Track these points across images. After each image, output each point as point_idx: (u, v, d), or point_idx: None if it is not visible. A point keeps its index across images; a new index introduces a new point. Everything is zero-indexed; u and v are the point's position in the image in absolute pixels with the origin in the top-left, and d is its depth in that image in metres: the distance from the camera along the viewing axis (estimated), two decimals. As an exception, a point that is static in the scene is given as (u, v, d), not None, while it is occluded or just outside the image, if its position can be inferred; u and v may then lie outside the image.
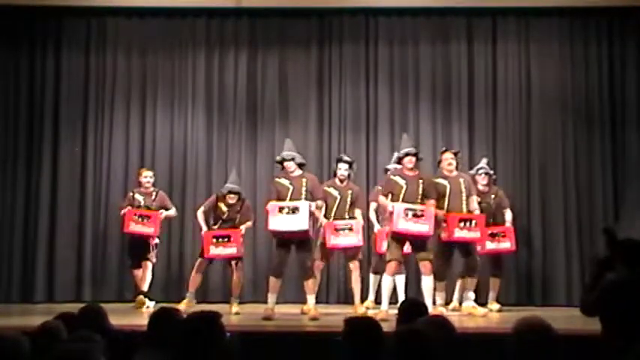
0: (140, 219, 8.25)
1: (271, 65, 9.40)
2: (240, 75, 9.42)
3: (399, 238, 7.28)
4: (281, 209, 7.23)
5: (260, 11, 9.35)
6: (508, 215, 8.15)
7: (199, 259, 8.02)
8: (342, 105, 9.34)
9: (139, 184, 8.57)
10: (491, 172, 8.30)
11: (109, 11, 9.37)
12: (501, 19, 9.34)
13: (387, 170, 8.14)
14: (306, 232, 7.27)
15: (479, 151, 9.16)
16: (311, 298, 7.39)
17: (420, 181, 7.40)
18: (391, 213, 7.25)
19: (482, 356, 4.10)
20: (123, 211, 8.37)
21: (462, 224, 7.53)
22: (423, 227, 7.19)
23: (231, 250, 7.81)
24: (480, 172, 8.19)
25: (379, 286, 7.82)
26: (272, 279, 7.39)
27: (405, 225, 7.17)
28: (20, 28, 9.34)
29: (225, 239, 7.79)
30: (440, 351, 2.80)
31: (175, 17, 9.44)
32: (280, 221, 7.22)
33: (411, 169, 7.43)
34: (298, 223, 7.18)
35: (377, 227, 8.01)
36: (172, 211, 8.59)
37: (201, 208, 8.11)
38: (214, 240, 7.78)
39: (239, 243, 7.84)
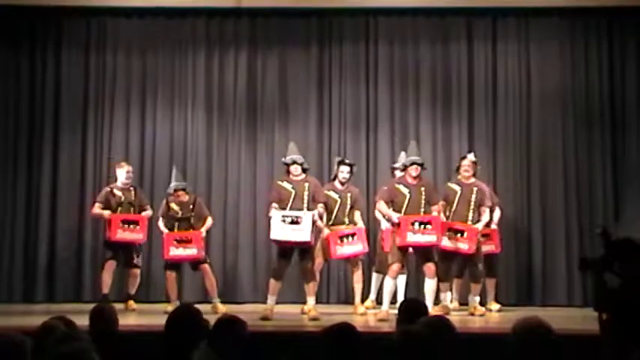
0: (127, 225, 8.07)
1: (271, 65, 9.40)
2: (240, 75, 9.41)
3: (405, 248, 7.32)
4: (283, 218, 7.17)
5: (260, 11, 9.35)
6: (491, 213, 7.98)
7: (167, 272, 7.98)
8: (342, 105, 9.35)
9: (116, 179, 8.41)
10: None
11: (109, 11, 9.38)
12: (501, 19, 9.34)
13: (393, 169, 8.18)
14: (308, 242, 7.25)
15: (479, 151, 9.15)
16: (311, 300, 7.38)
17: (422, 188, 7.44)
18: (398, 224, 7.26)
19: (482, 356, 4.10)
20: (96, 211, 8.22)
21: (448, 233, 7.47)
22: (431, 238, 7.22)
23: (191, 251, 7.83)
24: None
25: (381, 285, 7.84)
26: (272, 281, 7.37)
27: (414, 238, 7.20)
28: (20, 28, 9.34)
29: (186, 241, 7.82)
30: (440, 351, 2.80)
31: (175, 17, 9.44)
32: (282, 231, 7.17)
33: (415, 177, 7.45)
34: (300, 234, 7.14)
35: (384, 225, 8.00)
36: (149, 212, 8.42)
37: (160, 217, 8.11)
38: (175, 242, 7.82)
39: (200, 245, 7.86)
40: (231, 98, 9.41)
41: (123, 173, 8.35)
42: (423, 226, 7.20)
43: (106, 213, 8.17)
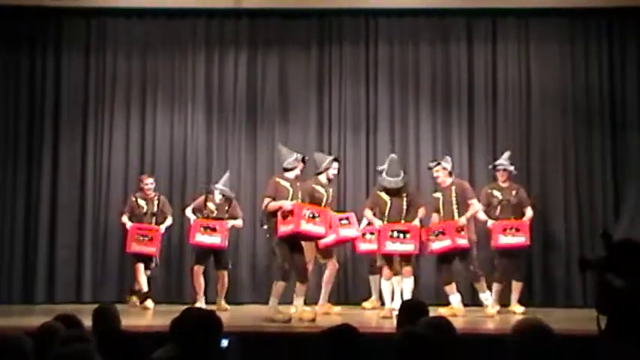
0: (142, 238, 8.36)
1: (271, 65, 9.40)
2: (240, 75, 9.41)
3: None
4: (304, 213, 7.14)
5: (260, 11, 9.35)
6: (528, 212, 8.07)
7: (195, 267, 8.28)
8: (342, 105, 9.35)
9: (140, 190, 8.67)
10: (511, 167, 8.21)
11: (109, 11, 9.38)
12: (501, 19, 9.34)
13: (381, 172, 8.21)
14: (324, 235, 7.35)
15: (479, 151, 9.18)
16: (301, 300, 7.30)
17: (404, 194, 7.59)
18: (379, 232, 7.46)
19: (482, 356, 4.10)
20: (123, 220, 8.53)
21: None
22: (409, 247, 7.42)
23: (215, 240, 8.11)
24: (498, 168, 8.17)
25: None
26: (282, 284, 7.16)
27: (392, 247, 7.41)
28: (20, 28, 9.34)
29: (212, 229, 8.11)
30: (441, 352, 2.81)
31: (175, 17, 9.44)
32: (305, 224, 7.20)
33: None
34: (320, 229, 7.19)
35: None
36: (168, 222, 8.68)
37: (191, 206, 8.44)
38: (202, 228, 8.12)
39: (224, 235, 8.14)
40: (231, 98, 9.41)
41: (143, 185, 8.64)
42: (402, 234, 7.38)
43: (128, 224, 8.47)
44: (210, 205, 8.32)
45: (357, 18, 9.39)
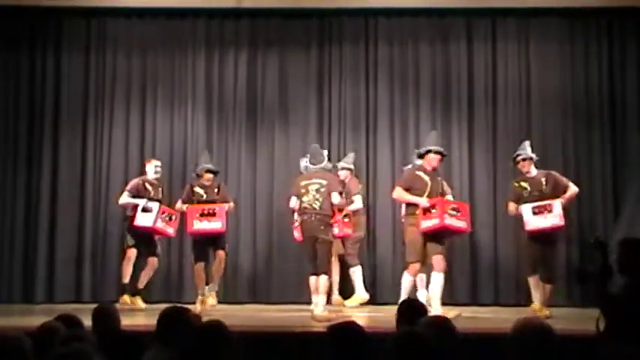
0: (167, 218, 8.11)
1: (271, 65, 9.41)
2: (240, 75, 9.42)
3: (437, 234, 7.11)
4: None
5: (260, 11, 9.36)
6: (571, 189, 7.57)
7: (196, 265, 7.90)
8: (341, 105, 9.35)
9: (145, 174, 8.48)
10: (531, 154, 7.68)
11: (109, 11, 9.38)
12: (501, 19, 9.34)
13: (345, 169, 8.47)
14: None
15: (478, 150, 9.17)
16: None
17: (439, 177, 7.44)
18: (427, 209, 7.07)
19: (482, 356, 4.10)
20: (127, 200, 8.23)
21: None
22: (462, 224, 7.19)
23: (216, 225, 7.70)
24: (517, 159, 7.71)
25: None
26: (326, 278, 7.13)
27: (450, 221, 7.04)
28: (20, 28, 9.35)
29: (210, 214, 7.70)
30: (440, 352, 2.80)
31: (175, 17, 9.45)
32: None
33: (434, 166, 7.35)
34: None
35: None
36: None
37: (180, 200, 8.10)
38: (198, 215, 7.70)
39: (224, 218, 7.75)
40: (231, 98, 9.42)
41: (152, 168, 8.43)
42: (455, 211, 7.13)
43: (141, 201, 8.12)
44: (198, 190, 7.99)
45: (357, 18, 9.39)
